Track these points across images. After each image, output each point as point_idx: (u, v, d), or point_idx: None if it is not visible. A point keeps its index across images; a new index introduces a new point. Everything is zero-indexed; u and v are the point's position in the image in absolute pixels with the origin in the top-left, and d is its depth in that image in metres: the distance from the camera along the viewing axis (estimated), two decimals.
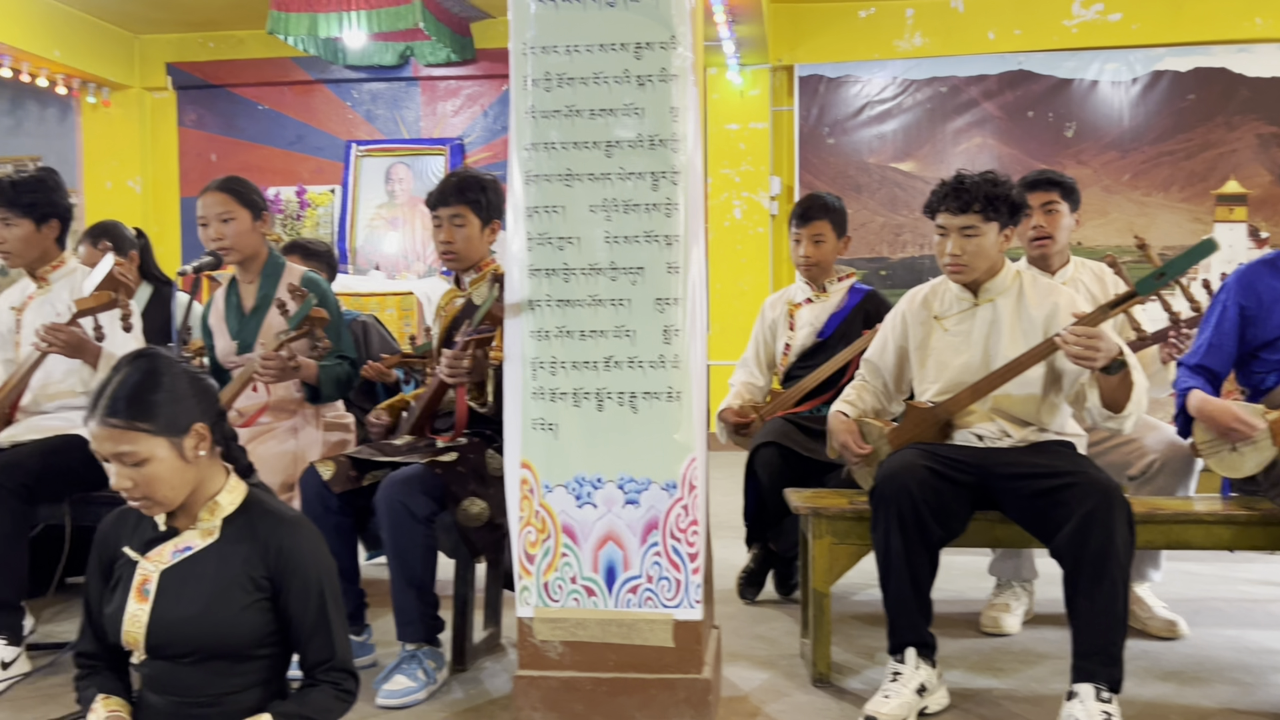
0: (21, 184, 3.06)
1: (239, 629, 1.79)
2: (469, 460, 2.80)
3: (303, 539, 1.85)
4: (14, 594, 2.83)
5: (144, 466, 1.72)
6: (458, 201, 2.96)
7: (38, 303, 3.18)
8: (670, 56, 2.37)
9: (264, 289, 3.15)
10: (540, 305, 2.42)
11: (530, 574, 2.43)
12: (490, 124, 7.51)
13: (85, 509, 3.11)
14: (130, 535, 1.88)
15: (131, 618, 1.80)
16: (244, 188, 3.15)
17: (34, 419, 3.13)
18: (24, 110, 7.63)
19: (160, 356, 1.79)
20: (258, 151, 7.65)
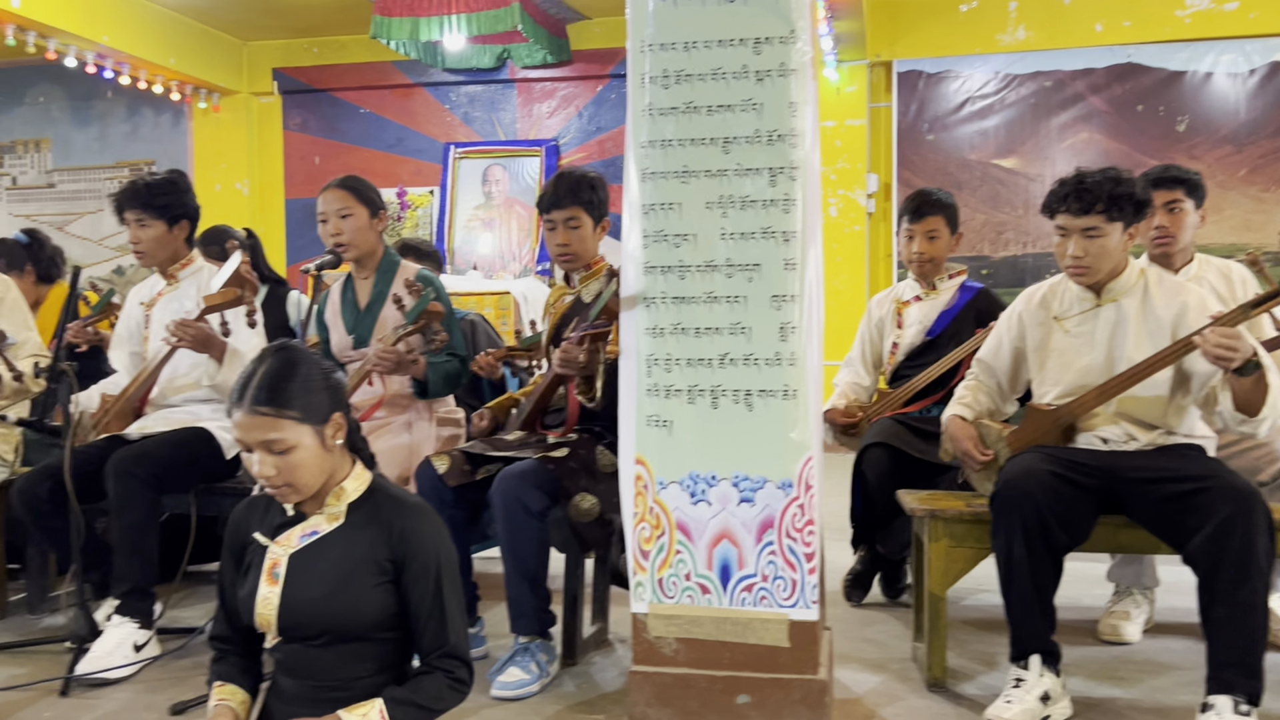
0: (155, 186, 3.19)
1: (365, 611, 1.83)
2: (580, 456, 2.82)
3: (424, 523, 1.88)
4: (145, 580, 2.94)
5: (289, 454, 1.77)
6: (571, 203, 2.98)
7: (166, 299, 3.30)
8: (789, 51, 2.35)
9: (379, 285, 3.22)
10: (655, 302, 2.42)
11: (644, 570, 2.44)
12: (585, 125, 7.56)
13: (209, 499, 3.23)
14: (260, 521, 1.93)
15: (263, 600, 1.86)
16: (362, 185, 3.22)
17: (162, 411, 3.26)
18: (140, 116, 7.94)
19: (298, 349, 1.85)
20: (359, 154, 7.83)
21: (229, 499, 3.23)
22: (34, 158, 8.06)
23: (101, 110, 7.98)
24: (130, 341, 3.39)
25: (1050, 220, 2.65)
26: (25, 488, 3.01)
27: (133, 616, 2.89)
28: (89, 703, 2.64)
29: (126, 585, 2.91)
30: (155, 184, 3.20)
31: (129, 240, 3.21)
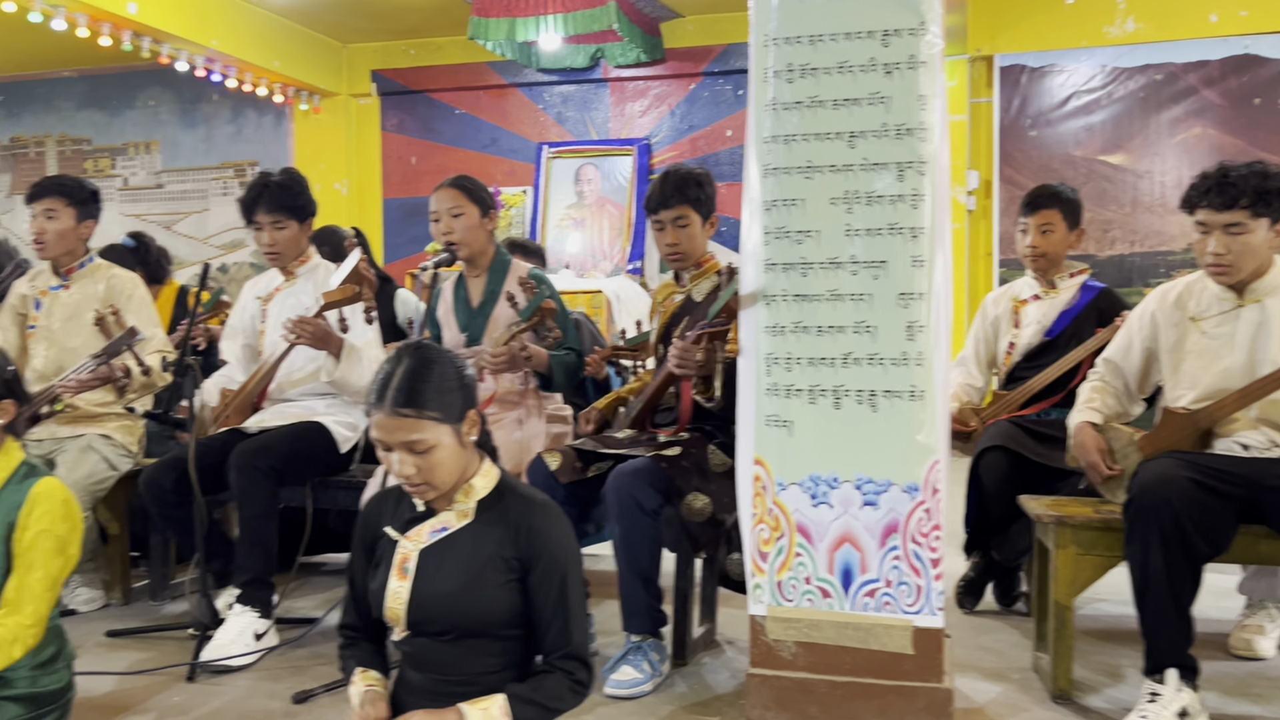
0: (286, 187, 3.25)
1: (493, 608, 1.83)
2: (692, 455, 2.79)
3: (551, 522, 1.88)
4: (266, 570, 3.01)
5: (430, 454, 1.77)
6: (680, 202, 2.96)
7: (283, 295, 3.37)
8: (919, 43, 2.29)
9: (491, 284, 3.24)
10: (776, 300, 2.38)
11: (763, 572, 2.40)
12: (677, 123, 7.53)
13: (324, 492, 3.29)
14: (390, 515, 1.95)
15: (393, 594, 1.87)
16: (474, 185, 3.25)
17: (278, 405, 3.33)
18: (243, 118, 8.16)
19: (433, 347, 1.86)
20: (454, 154, 7.92)
21: (343, 492, 3.29)
22: (144, 159, 8.34)
23: (207, 113, 8.22)
24: (243, 334, 3.47)
25: (1190, 215, 2.54)
26: (151, 478, 3.10)
27: (253, 606, 2.96)
28: (214, 689, 2.71)
29: (248, 575, 2.98)
30: (285, 184, 3.26)
31: (264, 241, 3.28)
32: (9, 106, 8.59)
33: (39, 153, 8.56)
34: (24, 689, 2.24)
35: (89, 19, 5.90)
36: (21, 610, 2.19)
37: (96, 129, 8.43)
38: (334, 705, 2.59)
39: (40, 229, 3.34)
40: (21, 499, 2.25)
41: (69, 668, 2.35)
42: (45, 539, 2.23)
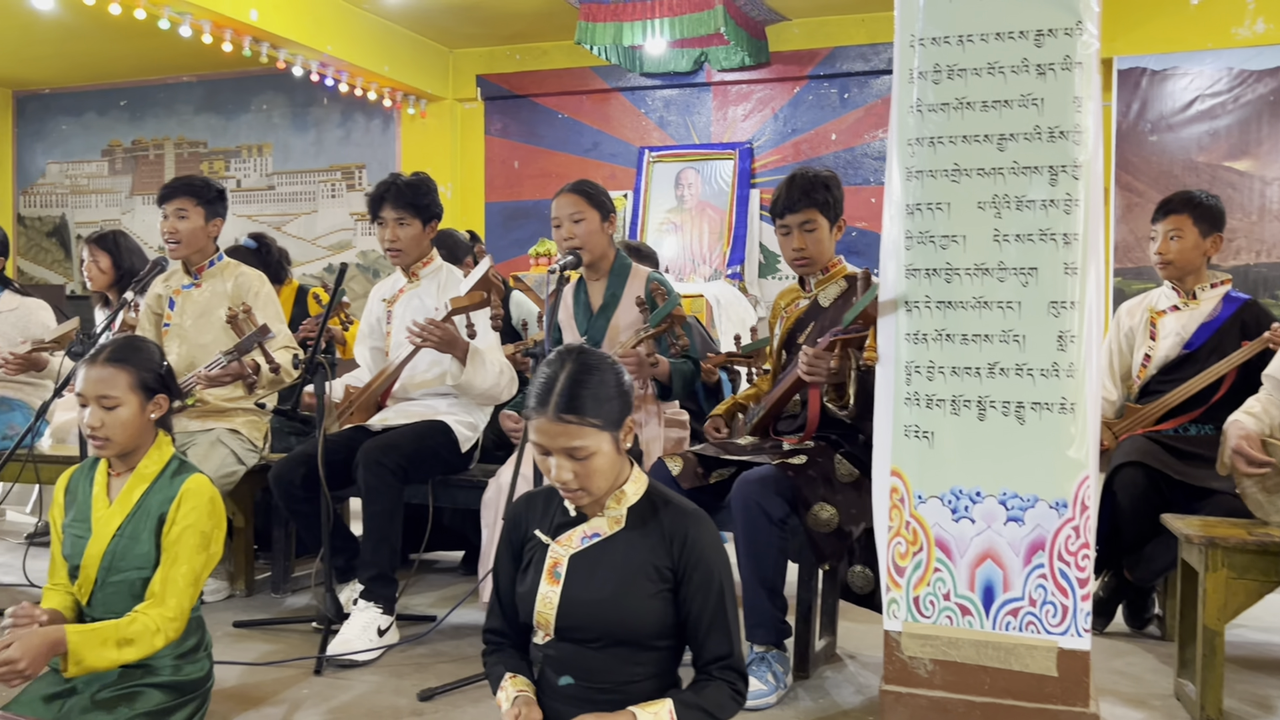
0: (414, 186, 3.30)
1: (644, 617, 1.82)
2: (819, 464, 2.74)
3: (705, 532, 1.85)
4: (390, 566, 3.04)
5: (589, 460, 1.76)
6: (807, 205, 2.91)
7: (407, 297, 3.42)
8: (1075, 43, 2.21)
9: (611, 288, 3.24)
10: (918, 307, 2.32)
11: (900, 586, 2.34)
12: (780, 127, 7.46)
13: (444, 491, 3.32)
14: (539, 519, 1.94)
15: (543, 599, 1.86)
16: (595, 190, 3.25)
17: (401, 404, 3.37)
18: (352, 122, 8.34)
19: (594, 353, 1.84)
20: (556, 158, 7.98)
21: (463, 491, 3.32)
22: (256, 161, 8.59)
23: (317, 117, 8.42)
24: (372, 337, 3.53)
25: None
26: (281, 473, 3.16)
27: (377, 602, 3.00)
28: (341, 683, 2.75)
29: (372, 571, 3.02)
30: (413, 184, 3.31)
31: (386, 238, 3.33)
32: (131, 110, 8.92)
33: (158, 155, 8.88)
34: (167, 677, 2.30)
35: (213, 25, 6.09)
36: (165, 603, 2.25)
37: (212, 132, 8.71)
38: (458, 705, 2.60)
39: (172, 228, 3.44)
40: (173, 493, 2.31)
41: (209, 657, 2.41)
42: (191, 534, 2.29)
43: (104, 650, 2.15)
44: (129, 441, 2.31)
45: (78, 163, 9.12)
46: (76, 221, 9.14)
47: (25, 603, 2.14)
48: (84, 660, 2.12)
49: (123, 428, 2.28)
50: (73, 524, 2.36)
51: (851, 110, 7.30)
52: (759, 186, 7.47)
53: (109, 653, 2.16)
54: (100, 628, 2.18)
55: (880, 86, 7.24)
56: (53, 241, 9.20)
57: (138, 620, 2.21)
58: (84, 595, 2.33)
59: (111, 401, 2.26)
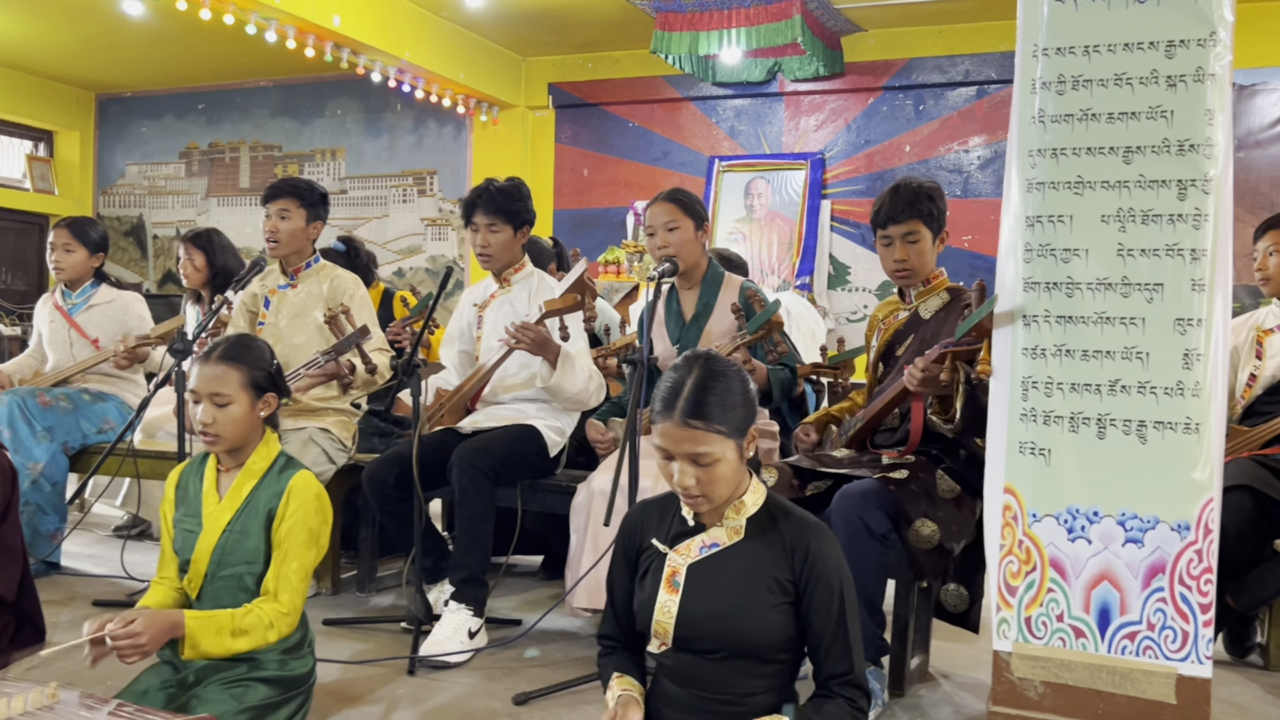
0: (507, 192, 3.31)
1: (764, 630, 1.80)
2: (920, 479, 2.70)
3: (827, 545, 1.83)
4: (481, 569, 3.05)
5: (713, 467, 1.75)
6: (910, 216, 2.87)
7: (499, 302, 3.43)
8: (1208, 55, 2.16)
9: (705, 297, 3.23)
10: (1036, 320, 2.28)
11: (1011, 606, 2.29)
12: (853, 138, 7.41)
13: (532, 495, 3.33)
14: (656, 527, 1.93)
15: (662, 608, 1.85)
16: (689, 198, 3.24)
17: (491, 408, 3.39)
18: (425, 128, 8.43)
19: (721, 359, 1.83)
20: (625, 167, 8.00)
21: (551, 495, 3.32)
22: (330, 165, 8.71)
23: (390, 123, 8.52)
24: (461, 340, 3.55)
25: None
26: (374, 474, 3.19)
27: (468, 604, 3.01)
28: (435, 684, 2.76)
29: (464, 573, 3.03)
30: (506, 190, 3.32)
31: (477, 242, 3.35)
32: (209, 114, 9.11)
33: (234, 158, 9.05)
34: (273, 671, 2.32)
35: (297, 30, 6.19)
36: (279, 598, 2.27)
37: (287, 136, 8.85)
38: (552, 710, 2.60)
39: (274, 228, 3.49)
40: (281, 489, 2.34)
41: (313, 654, 2.43)
42: (300, 531, 2.32)
43: (219, 637, 2.18)
44: (239, 438, 2.34)
45: (156, 164, 9.33)
46: (153, 222, 9.35)
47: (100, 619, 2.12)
48: (199, 645, 2.16)
49: (233, 424, 2.31)
50: (183, 519, 2.40)
51: (926, 122, 7.23)
52: (830, 197, 7.43)
53: (224, 640, 2.19)
54: (216, 615, 2.21)
55: (956, 99, 7.16)
56: (130, 241, 9.41)
57: (252, 613, 2.24)
58: (194, 589, 2.36)
59: (223, 399, 2.29)
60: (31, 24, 7.40)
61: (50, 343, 4.02)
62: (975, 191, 7.17)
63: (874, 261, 7.36)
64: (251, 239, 8.93)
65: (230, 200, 9.05)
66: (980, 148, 7.11)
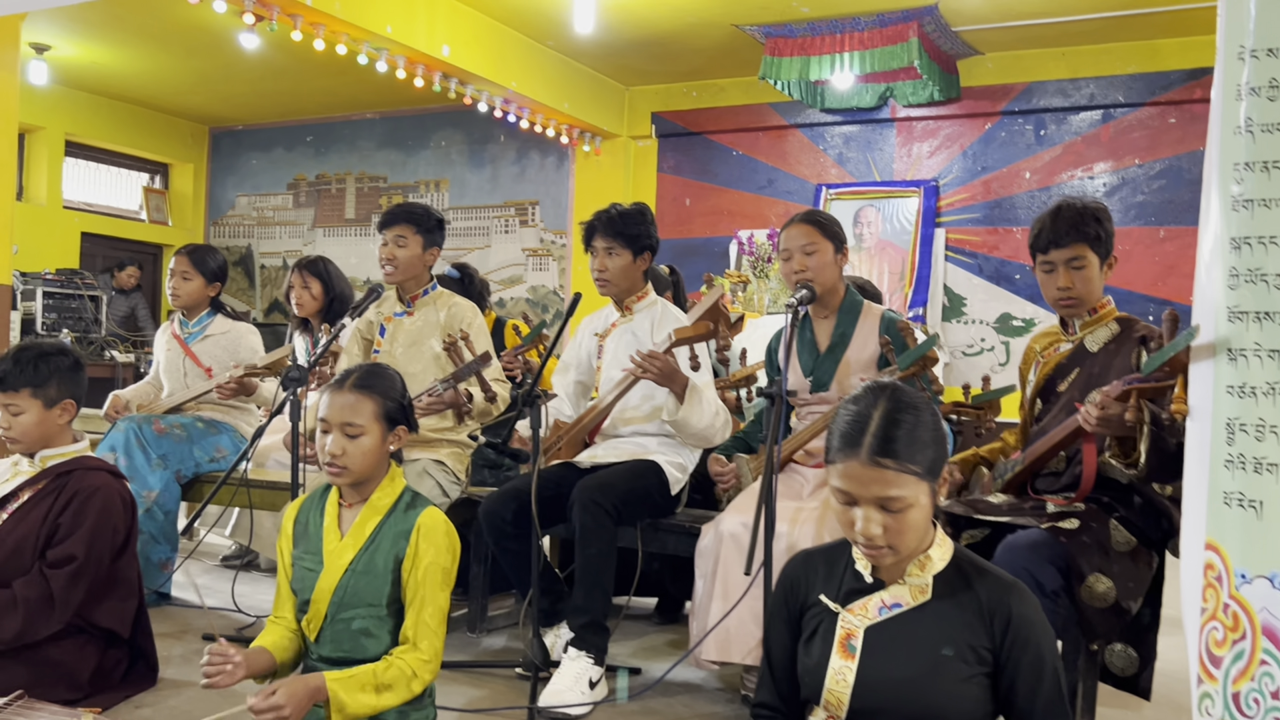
0: (628, 215, 3.17)
1: (957, 703, 1.58)
2: (1092, 530, 2.44)
3: (1031, 608, 1.61)
4: (602, 613, 2.88)
5: (904, 513, 1.56)
6: (1075, 240, 2.62)
7: (619, 331, 3.28)
8: None
9: (841, 326, 3.02)
10: (1245, 355, 2.01)
11: (1214, 679, 2.01)
12: (969, 165, 7.14)
13: (653, 535, 3.15)
14: (824, 582, 1.73)
15: (835, 676, 1.65)
16: (827, 220, 3.04)
17: (610, 441, 3.23)
18: (528, 159, 8.42)
19: (910, 391, 1.63)
20: (728, 195, 7.85)
21: (673, 536, 3.14)
22: (434, 196, 8.76)
23: (493, 153, 8.54)
24: (578, 370, 3.41)
25: None
26: (491, 510, 3.05)
27: (588, 651, 2.83)
28: None
29: (585, 618, 2.86)
30: (627, 214, 3.18)
31: (594, 267, 3.21)
32: (316, 146, 9.26)
33: (340, 189, 9.17)
34: None
35: (406, 61, 6.22)
36: (419, 646, 2.15)
37: (392, 167, 8.94)
38: None
39: (390, 255, 3.40)
40: (408, 528, 2.21)
41: (434, 704, 2.28)
42: (434, 572, 2.18)
43: (363, 696, 2.06)
44: (366, 471, 2.22)
45: (264, 195, 9.52)
46: (260, 252, 9.52)
47: (221, 641, 2.04)
48: (346, 707, 2.05)
49: (363, 457, 2.19)
50: (303, 556, 2.27)
51: (1048, 148, 6.92)
52: (945, 226, 7.16)
53: (368, 698, 2.07)
54: (358, 673, 2.09)
55: (1080, 124, 6.84)
56: (238, 270, 9.59)
57: (394, 665, 2.11)
58: (312, 631, 2.23)
59: (355, 430, 2.17)
60: (151, 60, 7.62)
61: (166, 371, 4.01)
62: None
63: (992, 293, 7.06)
64: (356, 269, 9.02)
65: (336, 230, 9.17)
66: (1106, 174, 6.78)
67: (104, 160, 9.15)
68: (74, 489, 2.72)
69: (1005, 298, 7.00)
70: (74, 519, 2.68)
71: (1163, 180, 6.60)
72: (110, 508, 2.74)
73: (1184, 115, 6.53)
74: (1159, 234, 6.58)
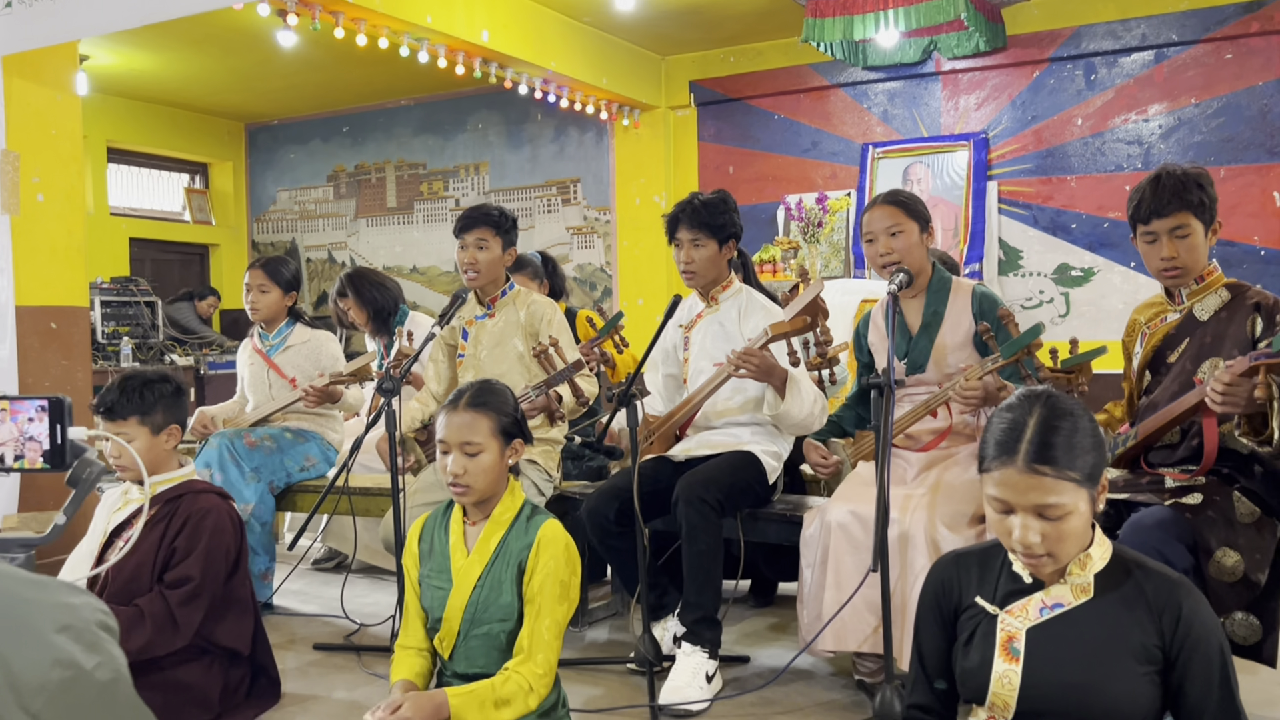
0: (711, 205, 3.15)
1: (1130, 703, 1.57)
2: (1216, 503, 2.41)
3: (1200, 605, 1.60)
4: (714, 608, 2.90)
5: (1063, 521, 1.55)
6: (1178, 209, 2.57)
7: (706, 322, 3.26)
8: None
9: (932, 305, 2.98)
10: None
11: None
12: (1019, 114, 7.00)
13: (753, 525, 3.15)
14: (979, 584, 1.73)
15: (1000, 679, 1.64)
16: (910, 199, 2.99)
17: (703, 434, 3.22)
18: (566, 136, 8.36)
19: (1065, 398, 1.61)
20: (773, 160, 7.77)
21: (774, 525, 3.14)
22: (474, 180, 8.73)
23: (531, 133, 8.49)
24: (665, 364, 3.40)
25: None
26: (594, 508, 3.06)
27: (702, 646, 2.85)
28: None
29: (698, 614, 2.88)
30: (711, 203, 3.16)
31: (680, 259, 3.19)
32: (354, 136, 9.25)
33: (379, 178, 9.17)
34: None
35: (447, 49, 6.17)
36: (534, 658, 2.16)
37: (430, 153, 8.92)
38: None
39: (472, 259, 3.40)
40: (530, 540, 2.22)
41: (569, 715, 2.31)
42: (551, 583, 2.20)
43: (483, 711, 2.09)
44: (489, 488, 2.23)
45: (305, 189, 9.53)
46: (305, 245, 9.55)
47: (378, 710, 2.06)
48: None
49: (484, 474, 2.21)
50: (431, 575, 2.30)
51: (1099, 92, 6.77)
52: (996, 178, 7.04)
53: (488, 713, 2.10)
54: (477, 689, 2.11)
55: (1132, 65, 6.69)
56: None
57: (511, 680, 2.13)
58: (446, 649, 2.26)
59: (474, 448, 2.19)
60: (186, 62, 7.62)
61: (251, 385, 4.04)
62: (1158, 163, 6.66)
63: (1048, 244, 6.94)
64: (401, 257, 9.04)
65: (378, 220, 9.18)
66: (1161, 116, 6.62)
67: (144, 164, 9.20)
68: (186, 512, 2.76)
69: (1063, 248, 6.90)
70: (188, 542, 2.72)
71: (1221, 119, 6.45)
72: (222, 529, 2.79)
73: (1240, 50, 6.36)
74: (1219, 174, 6.43)
